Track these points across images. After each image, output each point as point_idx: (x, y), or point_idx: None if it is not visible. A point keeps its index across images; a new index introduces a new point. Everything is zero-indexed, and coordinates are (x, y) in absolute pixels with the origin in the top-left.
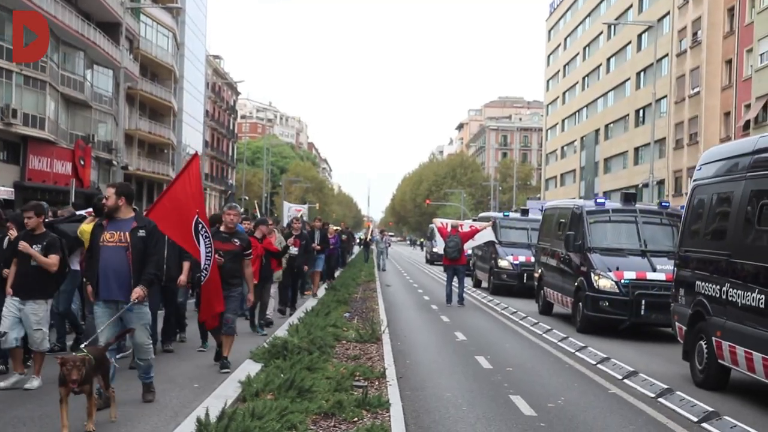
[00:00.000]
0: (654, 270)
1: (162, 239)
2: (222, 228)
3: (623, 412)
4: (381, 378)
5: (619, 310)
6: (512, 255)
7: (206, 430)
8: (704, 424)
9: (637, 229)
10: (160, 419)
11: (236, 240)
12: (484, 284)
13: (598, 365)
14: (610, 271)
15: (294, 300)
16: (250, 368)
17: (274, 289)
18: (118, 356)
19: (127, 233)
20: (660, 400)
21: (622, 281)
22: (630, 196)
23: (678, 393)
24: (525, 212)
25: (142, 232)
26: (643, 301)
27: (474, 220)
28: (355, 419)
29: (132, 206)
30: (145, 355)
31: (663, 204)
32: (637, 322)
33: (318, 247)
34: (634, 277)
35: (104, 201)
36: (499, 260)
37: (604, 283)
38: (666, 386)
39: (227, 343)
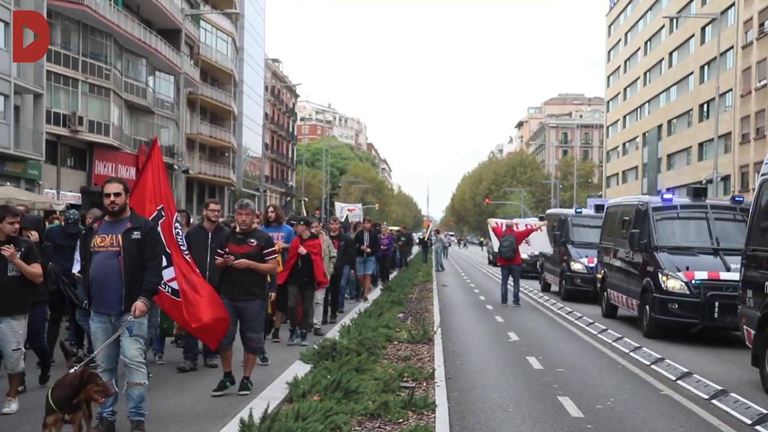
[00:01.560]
0: (728, 269)
1: (162, 241)
2: (237, 229)
3: (674, 414)
4: (429, 379)
5: (689, 313)
6: (587, 257)
7: (249, 431)
8: (758, 427)
9: (708, 225)
10: (208, 420)
11: (252, 240)
12: (554, 288)
13: (652, 366)
14: (679, 271)
15: (334, 306)
16: (299, 369)
17: (321, 295)
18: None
19: (119, 236)
20: (713, 402)
21: (693, 282)
22: (700, 191)
23: (732, 395)
24: (599, 209)
25: (136, 234)
26: (717, 303)
27: (540, 218)
28: (401, 420)
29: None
30: (136, 377)
31: (736, 199)
32: (710, 326)
33: (368, 250)
34: (706, 278)
35: (111, 198)
36: (572, 263)
37: (673, 284)
38: (720, 388)
39: (249, 363)
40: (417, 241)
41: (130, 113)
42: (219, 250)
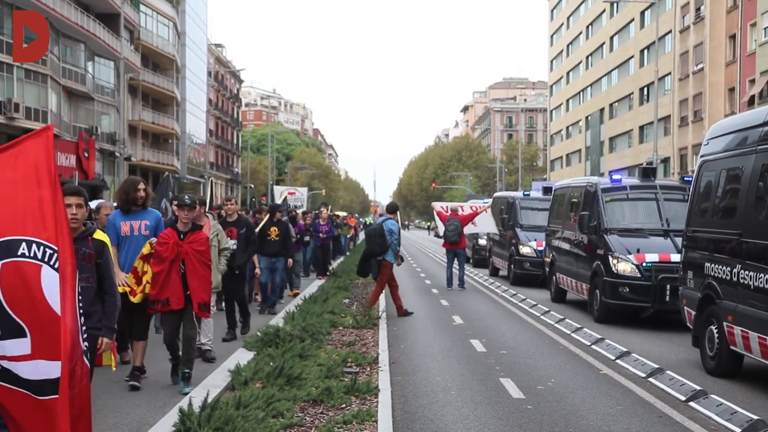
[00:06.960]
0: (679, 251)
1: None
2: None
3: (612, 392)
4: (373, 363)
5: (641, 297)
6: (536, 240)
7: (189, 420)
8: (691, 403)
9: (658, 206)
10: (148, 410)
11: None
12: (503, 272)
13: (593, 346)
14: (630, 253)
15: (245, 315)
16: (241, 357)
17: (213, 310)
18: None
19: None
20: (650, 380)
21: (644, 264)
22: (649, 171)
23: (668, 372)
24: (547, 191)
25: None
26: (668, 286)
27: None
28: (343, 406)
29: None
30: None
31: (686, 179)
32: (662, 310)
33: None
34: (657, 260)
35: None
36: (521, 246)
37: (624, 267)
38: (657, 366)
39: None
40: (363, 225)
41: (69, 99)
42: None
